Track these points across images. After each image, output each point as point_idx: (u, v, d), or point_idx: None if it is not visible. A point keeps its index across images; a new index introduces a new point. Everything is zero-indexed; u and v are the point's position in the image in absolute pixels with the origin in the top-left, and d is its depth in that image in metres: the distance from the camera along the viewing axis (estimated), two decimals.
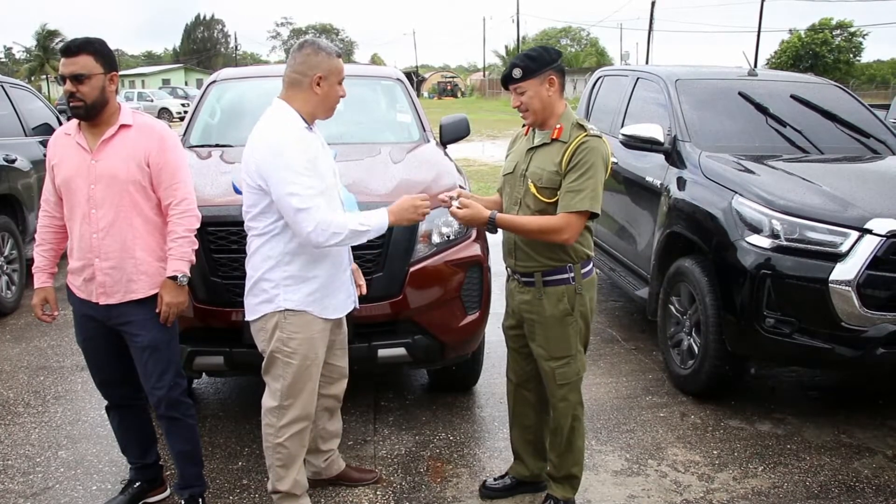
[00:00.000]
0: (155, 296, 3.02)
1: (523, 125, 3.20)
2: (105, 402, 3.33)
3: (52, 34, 57.52)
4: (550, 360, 3.07)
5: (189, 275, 3.05)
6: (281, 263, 2.87)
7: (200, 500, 3.31)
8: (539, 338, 3.08)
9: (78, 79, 2.84)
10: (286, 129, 2.80)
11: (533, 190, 2.96)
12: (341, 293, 3.04)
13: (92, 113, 2.90)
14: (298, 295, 2.90)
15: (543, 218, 2.91)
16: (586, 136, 2.88)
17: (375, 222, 2.85)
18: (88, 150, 2.93)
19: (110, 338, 3.09)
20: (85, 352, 3.19)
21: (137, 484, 3.38)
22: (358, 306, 3.15)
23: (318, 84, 2.84)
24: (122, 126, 2.96)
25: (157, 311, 3.01)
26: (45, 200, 3.12)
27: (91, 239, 2.94)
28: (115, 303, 2.99)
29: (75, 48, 2.85)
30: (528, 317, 3.10)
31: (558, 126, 2.95)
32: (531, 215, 2.96)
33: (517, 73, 2.92)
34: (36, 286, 3.16)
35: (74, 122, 3.00)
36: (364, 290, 3.24)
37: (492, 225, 2.95)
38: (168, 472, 3.55)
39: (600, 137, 2.92)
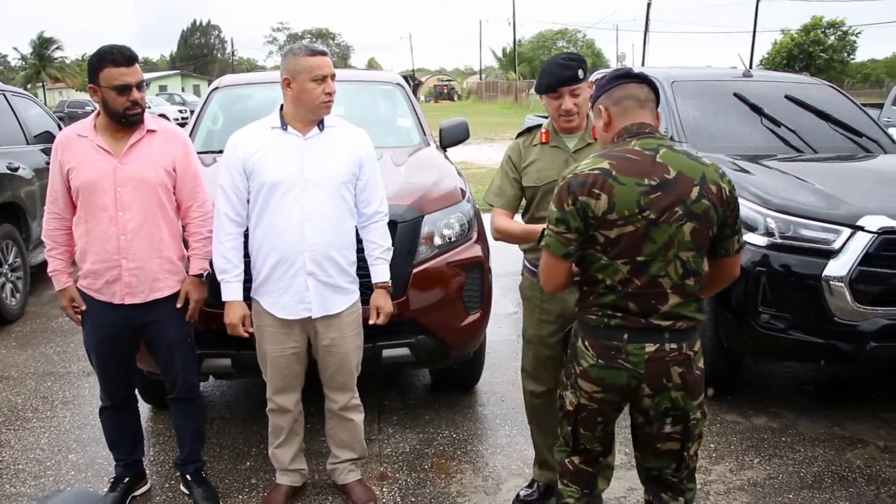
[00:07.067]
0: (176, 294, 3.15)
1: (520, 133, 3.15)
2: (100, 405, 3.41)
3: (49, 42, 57.47)
4: None
5: (210, 270, 3.20)
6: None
7: (203, 473, 3.52)
8: None
9: (140, 86, 2.96)
10: (238, 132, 3.16)
11: None
12: (288, 295, 3.09)
13: (141, 118, 3.03)
14: (255, 284, 3.15)
15: None
16: None
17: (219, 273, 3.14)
18: (113, 154, 3.00)
19: (126, 339, 3.19)
20: (98, 355, 3.23)
21: (126, 479, 3.48)
22: (314, 315, 3.12)
23: (289, 85, 2.99)
24: (149, 131, 3.07)
25: (179, 306, 3.18)
26: (52, 202, 3.11)
27: (118, 241, 3.01)
28: (139, 302, 3.08)
29: (133, 57, 2.95)
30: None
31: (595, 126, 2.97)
32: None
33: (582, 73, 2.84)
34: (59, 288, 3.18)
35: (88, 123, 3.06)
36: (379, 319, 3.27)
37: None
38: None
39: None
